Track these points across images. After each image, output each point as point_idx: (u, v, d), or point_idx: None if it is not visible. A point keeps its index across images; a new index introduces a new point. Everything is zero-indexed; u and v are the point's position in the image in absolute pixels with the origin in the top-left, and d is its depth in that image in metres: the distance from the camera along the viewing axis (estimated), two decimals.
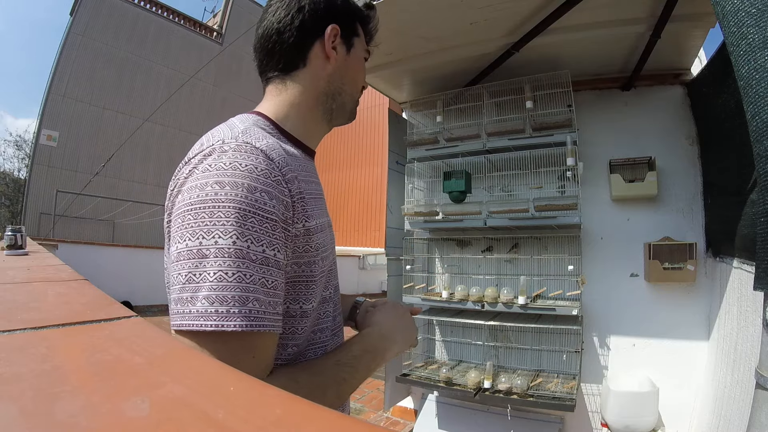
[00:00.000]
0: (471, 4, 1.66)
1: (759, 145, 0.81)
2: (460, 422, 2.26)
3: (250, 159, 0.48)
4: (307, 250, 0.54)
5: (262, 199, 0.47)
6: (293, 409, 0.23)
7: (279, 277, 0.48)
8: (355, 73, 0.69)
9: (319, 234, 0.57)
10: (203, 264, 0.44)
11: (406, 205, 2.37)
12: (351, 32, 0.68)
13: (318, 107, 0.66)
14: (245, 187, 0.46)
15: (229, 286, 0.44)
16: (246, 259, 0.45)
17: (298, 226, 0.52)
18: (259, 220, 0.46)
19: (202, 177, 0.47)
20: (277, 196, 0.48)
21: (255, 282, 0.45)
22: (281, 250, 0.49)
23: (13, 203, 13.56)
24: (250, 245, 0.45)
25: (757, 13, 0.80)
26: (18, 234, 1.78)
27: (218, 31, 13.05)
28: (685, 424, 1.95)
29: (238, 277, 0.44)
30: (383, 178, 2.70)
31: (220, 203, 0.45)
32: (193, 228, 0.46)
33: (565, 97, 2.04)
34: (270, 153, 0.50)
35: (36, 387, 0.24)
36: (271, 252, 0.47)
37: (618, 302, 2.14)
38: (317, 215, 0.57)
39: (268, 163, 0.49)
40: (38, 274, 0.84)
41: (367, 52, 0.73)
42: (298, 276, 0.54)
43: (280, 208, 0.49)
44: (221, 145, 0.50)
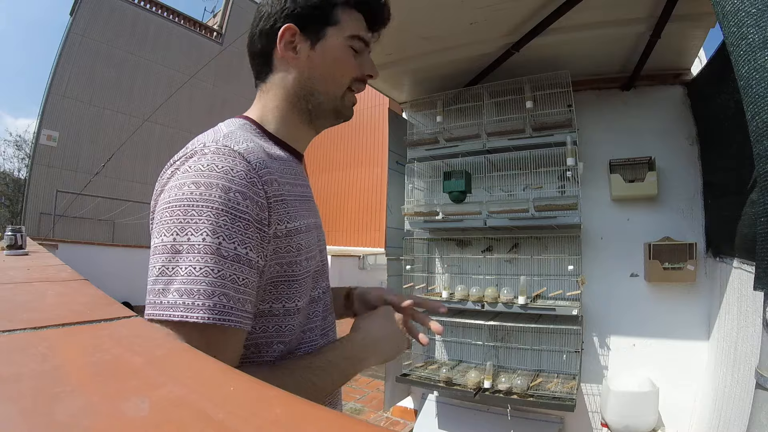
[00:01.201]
0: (471, 4, 1.66)
1: (759, 145, 0.81)
2: (460, 422, 2.26)
3: (227, 161, 0.50)
4: (289, 251, 0.55)
5: (236, 198, 0.48)
6: (293, 409, 0.23)
7: (251, 275, 0.49)
8: (327, 68, 0.63)
9: (302, 235, 0.58)
10: (176, 259, 0.47)
11: (406, 205, 2.37)
12: (318, 23, 0.62)
13: (293, 110, 0.64)
14: (220, 187, 0.48)
15: (197, 280, 0.46)
16: (216, 255, 0.46)
17: (280, 227, 0.54)
18: (232, 218, 0.48)
19: (182, 177, 0.50)
20: (251, 196, 0.50)
21: (224, 278, 0.47)
22: (254, 249, 0.50)
23: (13, 203, 13.56)
24: (222, 242, 0.47)
25: (757, 13, 0.80)
26: (18, 234, 1.77)
27: (218, 31, 13.05)
28: (685, 424, 1.95)
29: (206, 271, 0.46)
30: (383, 178, 2.70)
31: (194, 202, 0.47)
32: (168, 225, 0.48)
33: (565, 97, 2.04)
34: (248, 156, 0.52)
35: (36, 387, 0.24)
36: (243, 250, 0.48)
37: (618, 302, 2.14)
38: (301, 216, 0.58)
39: (245, 165, 0.51)
40: (38, 274, 0.84)
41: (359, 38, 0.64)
42: (281, 276, 0.55)
43: (255, 208, 0.50)
44: (202, 148, 0.52)
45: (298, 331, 0.59)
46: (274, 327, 0.56)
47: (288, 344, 0.58)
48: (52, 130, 9.88)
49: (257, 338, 0.56)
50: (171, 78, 11.32)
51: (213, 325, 0.46)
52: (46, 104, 9.84)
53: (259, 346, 0.56)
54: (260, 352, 0.56)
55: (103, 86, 10.58)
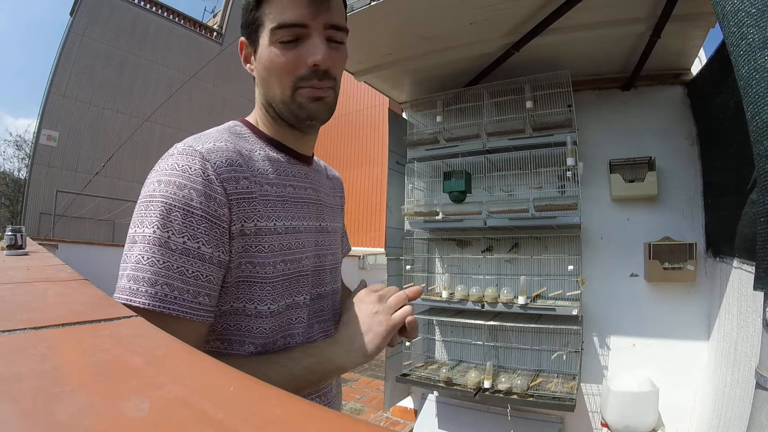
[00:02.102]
0: (471, 4, 1.66)
1: (759, 145, 0.81)
2: (460, 422, 2.26)
3: (187, 160, 0.52)
4: (260, 251, 0.56)
5: (189, 195, 0.51)
6: (293, 409, 0.23)
7: (203, 269, 0.51)
8: (266, 76, 0.61)
9: (278, 236, 0.58)
10: (132, 248, 0.51)
11: (406, 205, 2.37)
12: (251, 29, 0.61)
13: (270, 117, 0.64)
14: (176, 184, 0.51)
15: (143, 268, 0.49)
16: (163, 247, 0.49)
17: (248, 224, 0.55)
18: (184, 214, 0.50)
19: (151, 176, 0.54)
20: (206, 193, 0.51)
21: (170, 268, 0.49)
22: (208, 243, 0.51)
23: (13, 203, 13.55)
24: (171, 236, 0.50)
25: (757, 13, 0.80)
26: (18, 234, 1.77)
27: (218, 31, 13.05)
28: (685, 424, 1.95)
29: (152, 261, 0.49)
30: (383, 178, 2.70)
31: (153, 198, 0.51)
32: (134, 219, 0.52)
33: (565, 97, 2.04)
34: (209, 155, 0.53)
35: (36, 387, 0.24)
36: (193, 244, 0.50)
37: (618, 302, 2.14)
38: (282, 217, 0.59)
39: (203, 163, 0.53)
40: (38, 274, 0.84)
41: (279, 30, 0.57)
42: (251, 276, 0.56)
43: (212, 205, 0.52)
44: (173, 150, 0.55)
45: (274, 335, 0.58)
46: (246, 327, 0.57)
47: (261, 346, 0.57)
48: (52, 130, 9.88)
49: (230, 334, 0.57)
50: (171, 78, 11.32)
51: (153, 311, 0.48)
52: (46, 104, 9.84)
53: (231, 342, 0.57)
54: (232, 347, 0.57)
55: (103, 86, 10.58)
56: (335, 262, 0.76)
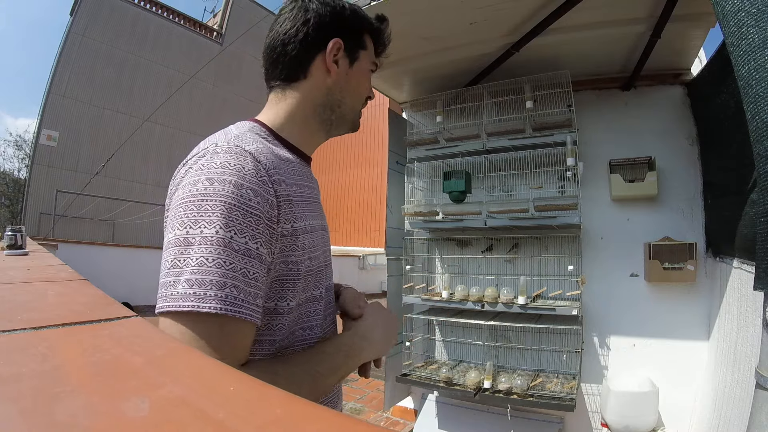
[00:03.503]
0: (471, 4, 1.66)
1: (759, 145, 0.81)
2: (460, 422, 2.26)
3: (239, 159, 0.52)
4: (294, 250, 0.57)
5: (248, 195, 0.50)
6: (293, 409, 0.23)
7: (260, 270, 0.51)
8: (357, 86, 0.69)
9: (307, 235, 0.60)
10: (188, 251, 0.47)
11: (406, 205, 2.37)
12: (356, 45, 0.68)
13: (315, 117, 0.68)
14: (232, 183, 0.50)
15: (209, 271, 0.46)
16: (228, 248, 0.48)
17: (286, 226, 0.55)
18: (243, 213, 0.49)
19: (196, 175, 0.51)
20: (261, 194, 0.51)
21: (235, 270, 0.48)
22: (264, 244, 0.51)
23: (13, 203, 13.56)
24: (234, 236, 0.48)
25: (757, 13, 0.80)
26: (18, 234, 1.77)
27: (218, 31, 13.05)
28: (685, 424, 1.95)
29: (218, 263, 0.47)
30: (383, 178, 2.71)
31: (208, 197, 0.49)
32: (182, 219, 0.49)
33: (565, 97, 2.04)
34: (258, 156, 0.54)
35: (36, 387, 0.24)
36: (253, 245, 0.50)
37: (618, 302, 2.14)
38: (306, 217, 0.60)
39: (256, 164, 0.53)
40: (38, 274, 0.84)
41: (375, 65, 0.73)
42: (286, 274, 0.56)
43: (265, 206, 0.52)
44: (214, 148, 0.54)
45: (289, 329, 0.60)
46: (266, 325, 0.57)
47: (277, 342, 0.58)
48: (52, 130, 9.88)
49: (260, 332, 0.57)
50: (171, 78, 11.32)
51: (225, 316, 0.46)
52: (46, 104, 9.84)
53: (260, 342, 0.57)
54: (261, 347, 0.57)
55: (103, 86, 10.58)
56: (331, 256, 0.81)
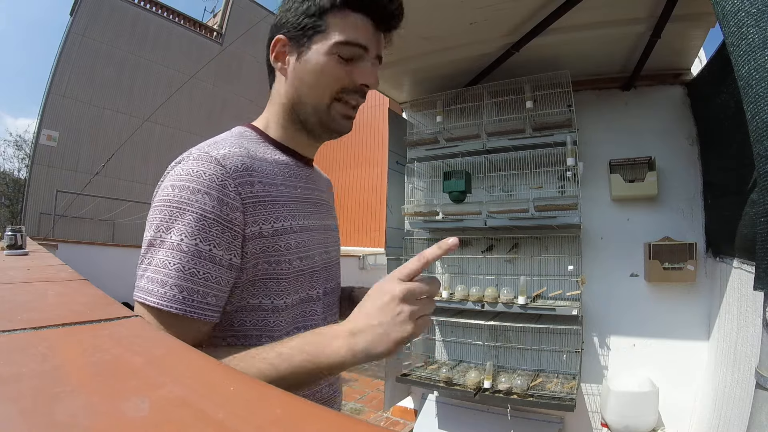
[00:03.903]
0: (471, 4, 1.66)
1: (759, 145, 0.81)
2: (460, 422, 2.26)
3: (201, 166, 0.54)
4: (277, 250, 0.59)
5: (203, 200, 0.52)
6: (293, 409, 0.23)
7: (214, 270, 0.53)
8: (312, 78, 0.62)
9: (295, 234, 0.61)
10: (151, 251, 0.53)
11: (406, 205, 2.37)
12: (304, 33, 0.61)
13: (290, 119, 0.67)
14: (189, 189, 0.53)
15: (158, 270, 0.51)
16: (176, 250, 0.51)
17: (265, 226, 0.57)
18: (197, 218, 0.52)
19: (167, 181, 0.56)
20: (219, 198, 0.53)
21: (181, 270, 0.51)
22: (220, 246, 0.53)
23: (13, 203, 13.55)
24: (183, 239, 0.51)
25: (757, 13, 0.80)
26: (18, 234, 1.77)
27: (218, 31, 13.04)
28: (685, 424, 1.95)
29: (165, 263, 0.51)
30: (383, 178, 2.71)
31: (168, 203, 0.53)
32: (150, 222, 0.55)
33: (565, 97, 2.04)
34: (224, 160, 0.55)
35: (36, 387, 0.24)
36: (205, 246, 0.52)
37: (618, 302, 2.14)
38: (295, 217, 0.62)
39: (218, 169, 0.54)
40: (38, 274, 0.84)
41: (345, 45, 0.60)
42: (269, 273, 0.58)
43: (224, 209, 0.53)
44: (187, 156, 0.57)
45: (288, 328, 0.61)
46: (263, 321, 0.59)
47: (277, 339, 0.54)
48: (52, 130, 9.87)
49: (247, 330, 0.59)
50: (171, 78, 11.31)
51: (168, 312, 0.50)
52: (46, 104, 9.83)
53: (249, 338, 0.59)
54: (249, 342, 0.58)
55: (103, 86, 10.58)
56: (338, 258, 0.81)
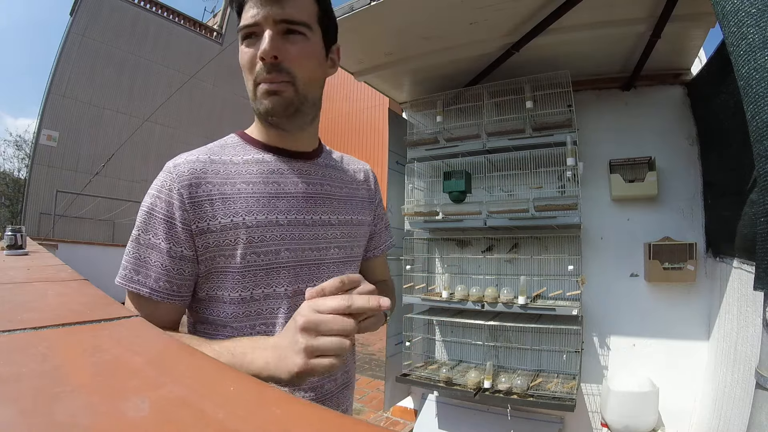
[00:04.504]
0: (471, 4, 1.66)
1: (759, 145, 0.81)
2: (460, 422, 2.26)
3: (161, 176, 0.64)
4: (228, 244, 0.63)
5: (155, 203, 0.63)
6: (293, 409, 0.23)
7: (161, 259, 0.62)
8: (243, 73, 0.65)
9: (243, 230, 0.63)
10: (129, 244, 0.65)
11: (406, 205, 2.36)
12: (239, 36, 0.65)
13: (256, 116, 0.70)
14: (150, 195, 0.64)
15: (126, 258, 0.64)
16: (134, 242, 0.63)
17: (213, 222, 0.62)
18: (149, 217, 0.63)
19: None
20: (165, 200, 0.62)
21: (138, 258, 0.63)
22: (165, 240, 0.62)
23: (13, 203, 13.55)
24: (140, 234, 0.63)
25: (757, 13, 0.80)
26: (18, 234, 1.77)
27: (218, 31, 13.04)
28: (685, 424, 1.95)
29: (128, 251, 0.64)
30: (383, 178, 2.70)
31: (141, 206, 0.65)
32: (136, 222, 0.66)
33: (565, 97, 2.04)
34: (175, 168, 0.63)
35: (36, 387, 0.24)
36: (155, 240, 0.62)
37: (618, 302, 2.14)
38: (246, 213, 0.64)
39: (168, 176, 0.63)
40: (38, 274, 0.84)
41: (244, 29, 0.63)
42: (220, 266, 0.64)
43: (169, 209, 0.62)
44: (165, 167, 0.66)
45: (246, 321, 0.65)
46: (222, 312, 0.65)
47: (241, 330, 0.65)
48: (52, 130, 9.87)
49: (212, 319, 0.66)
50: (171, 78, 11.31)
51: (127, 289, 0.63)
52: (46, 104, 9.83)
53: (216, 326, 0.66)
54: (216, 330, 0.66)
55: (103, 86, 10.57)
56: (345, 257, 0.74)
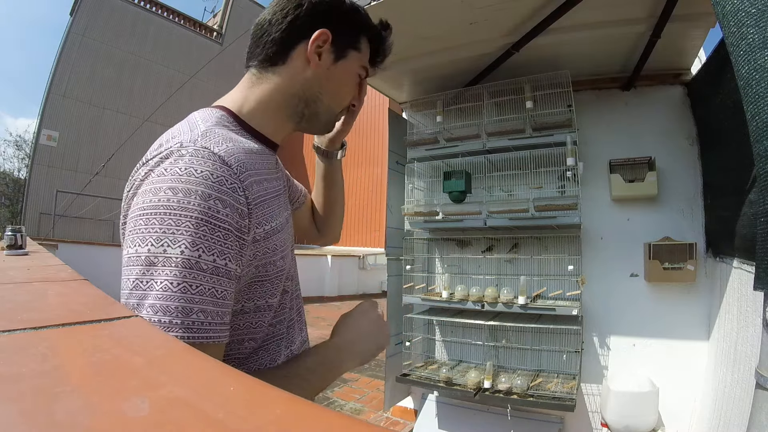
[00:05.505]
0: (471, 4, 1.66)
1: (759, 145, 0.81)
2: (460, 422, 2.26)
3: (206, 165, 0.47)
4: (266, 253, 0.54)
5: (216, 207, 0.45)
6: (293, 409, 0.23)
7: (229, 287, 0.47)
8: (338, 86, 0.65)
9: (279, 234, 0.56)
10: (150, 272, 0.44)
11: (406, 205, 2.36)
12: (347, 44, 0.64)
13: (287, 108, 0.63)
14: (199, 194, 0.45)
15: (174, 296, 0.43)
16: (194, 269, 0.44)
17: (259, 230, 0.52)
18: (211, 229, 0.45)
19: (157, 181, 0.46)
20: (231, 204, 0.47)
21: (203, 293, 0.44)
22: (233, 259, 0.47)
23: (13, 203, 13.55)
24: (201, 255, 0.44)
25: (757, 13, 0.80)
26: (18, 234, 1.77)
27: (218, 31, 13.05)
28: (685, 424, 1.95)
29: (184, 287, 0.43)
30: (383, 178, 2.70)
31: (171, 210, 0.44)
32: (143, 234, 0.45)
33: (565, 97, 2.04)
34: (228, 159, 0.49)
35: (36, 387, 0.24)
36: (222, 261, 0.46)
37: (618, 302, 2.14)
38: (276, 215, 0.57)
39: (225, 169, 0.48)
40: (38, 274, 0.84)
41: (365, 70, 0.68)
42: (255, 277, 0.54)
43: (235, 216, 0.47)
44: (179, 149, 0.48)
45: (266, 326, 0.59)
46: (245, 324, 0.55)
47: (257, 341, 0.57)
48: (52, 130, 9.88)
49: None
50: (171, 78, 11.33)
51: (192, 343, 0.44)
52: (46, 104, 9.84)
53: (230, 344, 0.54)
54: (230, 350, 0.54)
55: (103, 86, 10.59)
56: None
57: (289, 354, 0.63)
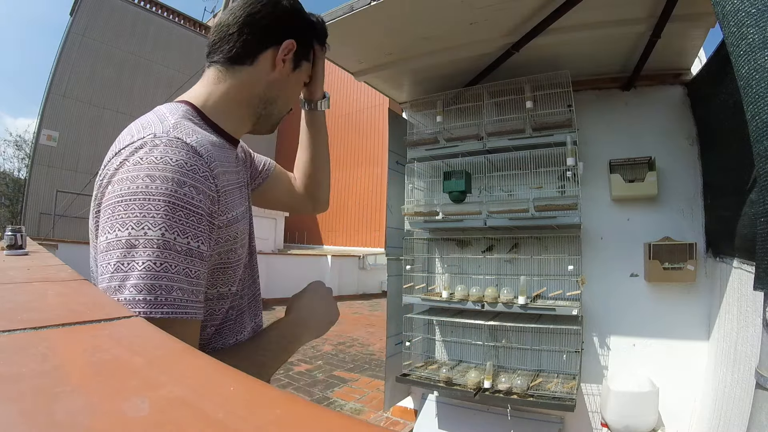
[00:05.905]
0: (471, 4, 1.66)
1: (759, 145, 0.81)
2: (460, 422, 2.26)
3: (180, 154, 0.50)
4: (227, 240, 0.57)
5: (190, 193, 0.49)
6: (293, 409, 0.23)
7: (201, 268, 0.51)
8: (291, 92, 0.72)
9: (238, 224, 0.60)
10: (131, 254, 0.46)
11: (406, 205, 2.37)
12: (304, 55, 0.71)
13: (249, 107, 0.67)
14: (175, 181, 0.48)
15: (157, 275, 0.46)
16: (172, 250, 0.47)
17: (222, 218, 0.55)
18: (186, 213, 0.48)
19: (134, 170, 0.49)
20: (204, 191, 0.51)
21: (179, 272, 0.47)
22: (205, 242, 0.51)
23: (13, 203, 13.56)
24: (177, 237, 0.47)
25: (757, 13, 0.80)
26: (18, 234, 1.77)
27: None
28: (685, 424, 1.95)
29: (165, 267, 0.46)
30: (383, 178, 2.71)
31: (150, 195, 0.47)
32: (123, 219, 0.47)
33: (565, 97, 2.04)
34: (199, 149, 0.52)
35: (36, 387, 0.24)
36: (195, 244, 0.49)
37: (618, 302, 2.14)
38: (237, 205, 0.61)
39: (197, 159, 0.51)
40: (38, 274, 0.84)
41: (309, 78, 0.77)
42: (219, 263, 0.58)
43: (206, 202, 0.51)
44: (152, 139, 0.51)
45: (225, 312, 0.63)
46: (208, 311, 0.59)
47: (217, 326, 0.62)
48: (52, 130, 9.88)
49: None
50: (171, 78, 11.33)
51: (174, 319, 0.46)
52: (46, 104, 9.84)
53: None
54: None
55: (103, 86, 10.59)
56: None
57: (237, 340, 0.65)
